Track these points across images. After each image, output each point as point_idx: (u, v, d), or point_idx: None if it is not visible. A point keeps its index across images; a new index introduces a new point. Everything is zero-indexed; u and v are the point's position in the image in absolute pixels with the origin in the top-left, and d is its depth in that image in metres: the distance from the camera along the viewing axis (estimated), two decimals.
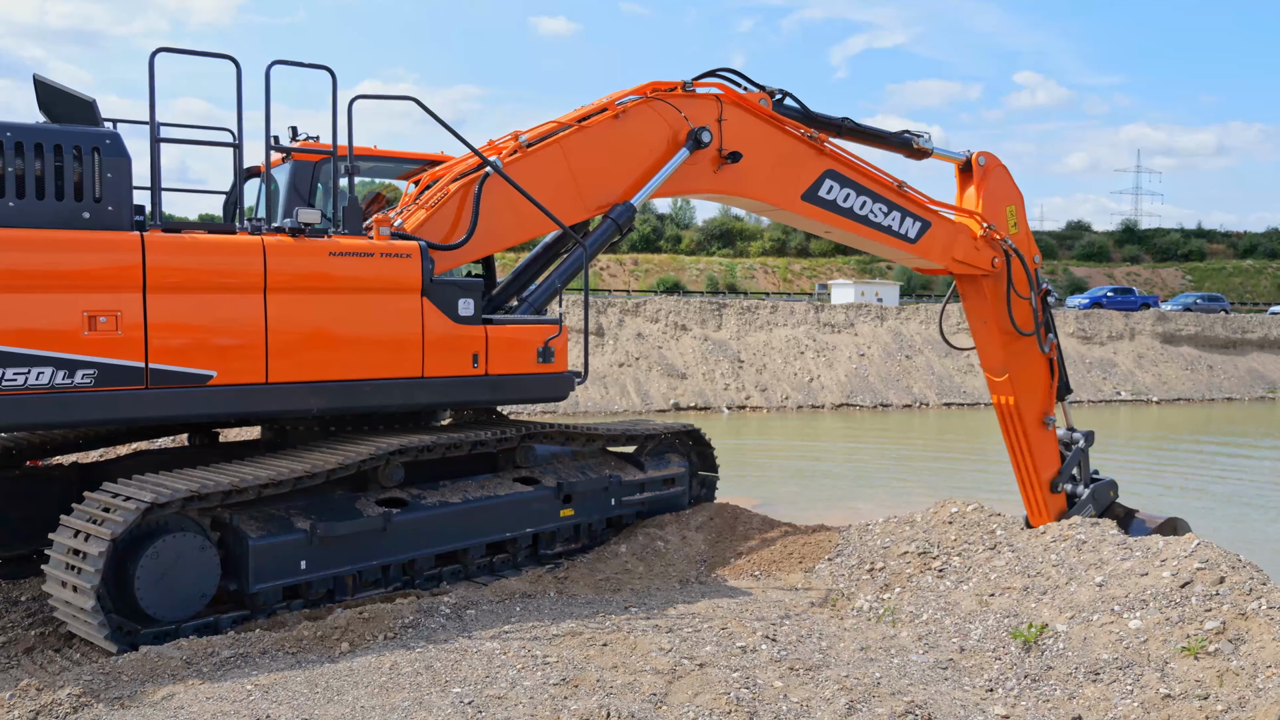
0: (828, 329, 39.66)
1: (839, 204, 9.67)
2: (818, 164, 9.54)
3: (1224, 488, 20.21)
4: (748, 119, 9.24)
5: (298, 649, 6.03)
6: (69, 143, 6.30)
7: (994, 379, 10.70)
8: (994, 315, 10.52)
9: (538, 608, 7.12)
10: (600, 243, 8.78)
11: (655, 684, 5.54)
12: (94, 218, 6.37)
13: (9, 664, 6.38)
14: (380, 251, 7.34)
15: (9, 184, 6.14)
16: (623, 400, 32.83)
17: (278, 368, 6.94)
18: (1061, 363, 10.96)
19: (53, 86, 6.76)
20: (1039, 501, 10.77)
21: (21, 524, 8.00)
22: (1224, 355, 44.90)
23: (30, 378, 6.08)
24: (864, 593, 7.66)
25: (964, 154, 10.72)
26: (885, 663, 6.18)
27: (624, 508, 9.24)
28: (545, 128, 8.63)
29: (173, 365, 6.55)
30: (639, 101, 8.81)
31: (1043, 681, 5.81)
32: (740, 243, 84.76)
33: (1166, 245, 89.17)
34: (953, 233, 10.27)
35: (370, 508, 7.39)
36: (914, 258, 10.36)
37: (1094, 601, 6.46)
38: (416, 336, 7.55)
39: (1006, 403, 10.68)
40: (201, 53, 7.00)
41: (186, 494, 6.26)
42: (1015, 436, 10.75)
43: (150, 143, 6.69)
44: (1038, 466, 10.69)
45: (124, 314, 6.35)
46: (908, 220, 10.03)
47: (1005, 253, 10.45)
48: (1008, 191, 10.87)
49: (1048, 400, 10.82)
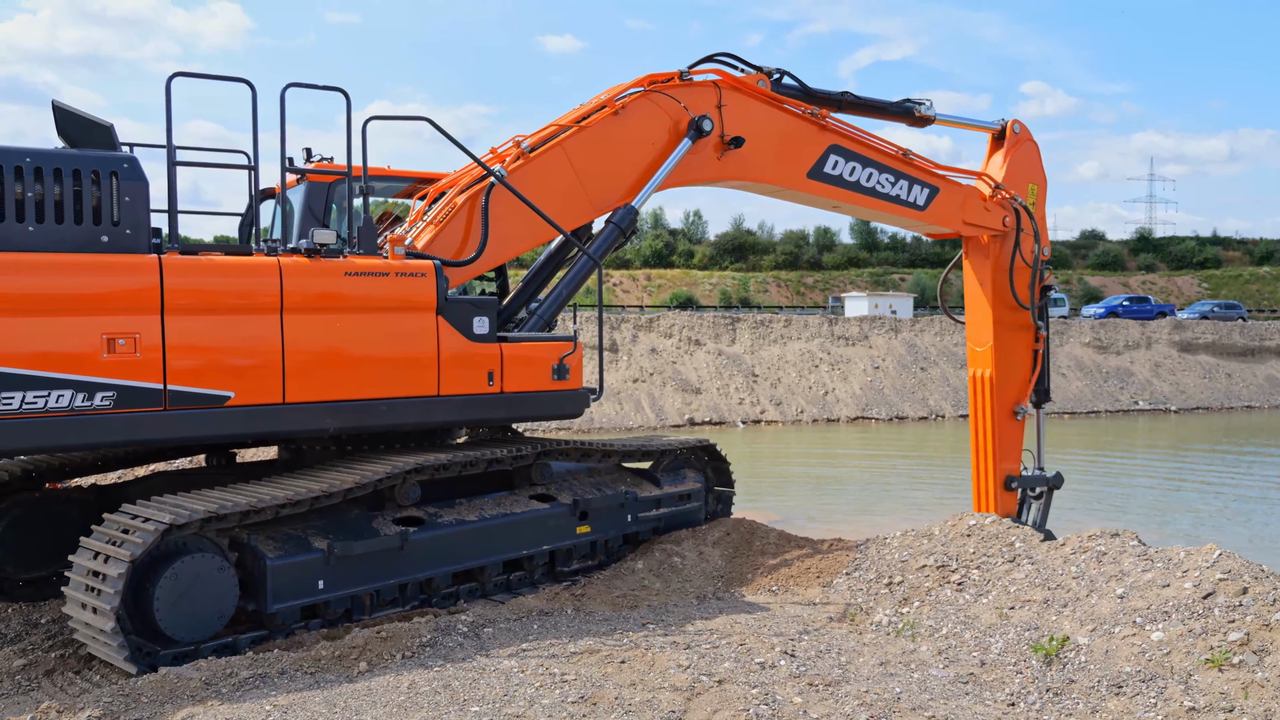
0: (842, 342, 39.57)
1: (845, 178, 9.70)
2: (821, 140, 9.57)
3: (1249, 492, 20.03)
4: (748, 102, 9.25)
5: (316, 669, 6.04)
6: (87, 167, 6.37)
7: (975, 349, 10.67)
8: (993, 278, 10.51)
9: (555, 625, 7.11)
10: (605, 249, 8.79)
11: (674, 701, 5.52)
12: (112, 241, 6.43)
13: (30, 686, 6.40)
14: (395, 271, 7.38)
15: (29, 209, 6.21)
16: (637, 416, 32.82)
17: (295, 388, 6.98)
18: (1046, 365, 10.90)
19: (71, 112, 6.85)
20: (988, 493, 10.66)
21: (41, 546, 8.05)
22: (1242, 363, 44.55)
23: (50, 400, 6.12)
24: (883, 607, 7.61)
25: (999, 122, 10.75)
26: (905, 678, 6.14)
27: (640, 524, 9.23)
28: (546, 131, 8.65)
29: (191, 387, 6.59)
30: (638, 96, 8.82)
31: (1065, 695, 5.76)
32: (753, 256, 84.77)
33: (1182, 253, 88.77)
34: (962, 196, 10.30)
35: (387, 526, 7.40)
36: (925, 224, 10.40)
37: (1115, 613, 6.40)
38: (432, 355, 7.57)
39: (981, 376, 10.63)
40: (217, 76, 7.08)
41: (205, 515, 6.28)
42: (981, 417, 10.67)
43: (167, 166, 6.76)
44: (997, 455, 10.60)
45: (142, 336, 6.40)
46: (915, 188, 10.06)
47: (1015, 210, 10.48)
48: (1034, 169, 10.90)
49: (1024, 390, 10.78)
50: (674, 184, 9.10)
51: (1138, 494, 19.53)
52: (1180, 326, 45.75)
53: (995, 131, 10.84)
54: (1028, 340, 10.75)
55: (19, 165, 6.17)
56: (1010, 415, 10.67)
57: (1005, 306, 10.52)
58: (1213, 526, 16.10)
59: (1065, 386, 39.20)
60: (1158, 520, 16.57)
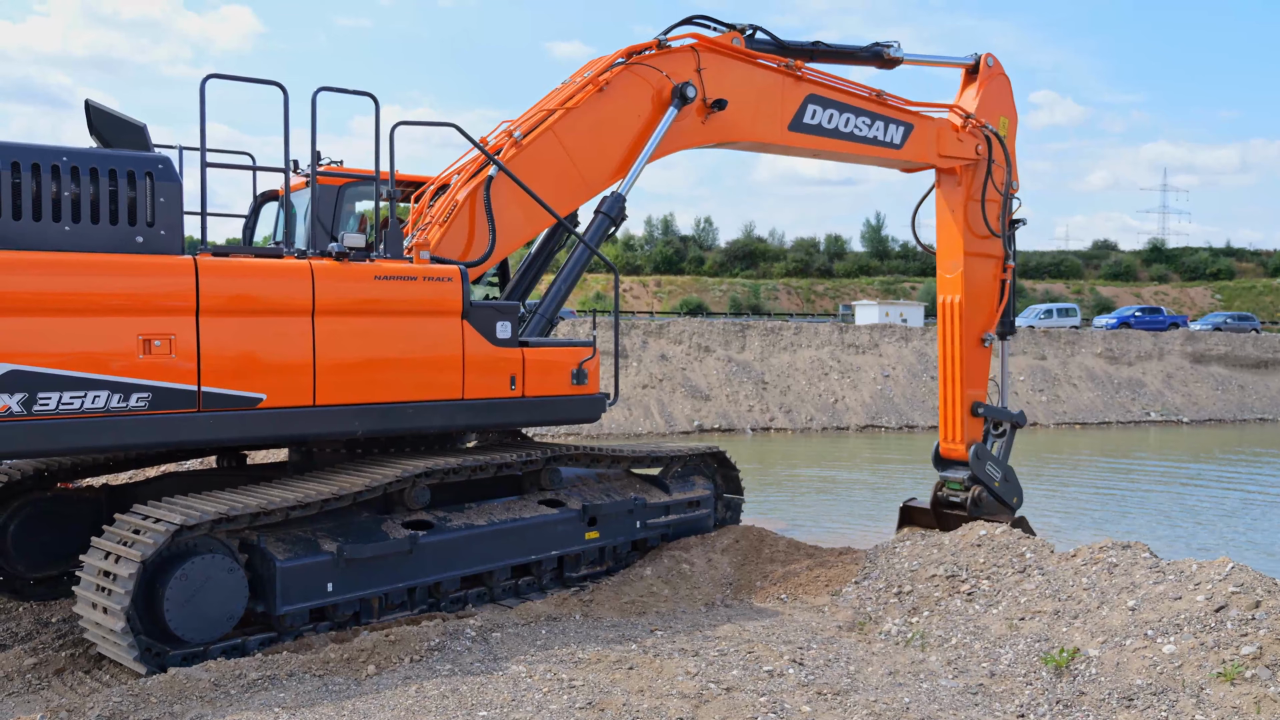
0: (852, 350, 39.49)
1: (824, 126, 9.95)
2: (798, 91, 9.76)
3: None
4: (725, 62, 9.39)
5: (324, 671, 6.04)
6: (123, 167, 6.40)
7: (945, 276, 10.97)
8: (965, 205, 10.80)
9: (563, 631, 7.10)
10: (598, 239, 8.88)
11: (681, 708, 5.50)
12: (147, 242, 6.46)
13: (40, 685, 6.42)
14: (423, 275, 7.43)
15: (65, 208, 6.22)
16: (646, 422, 32.79)
17: (325, 391, 7.02)
18: (1012, 298, 11.20)
19: (104, 111, 6.85)
20: (955, 420, 10.91)
21: (53, 545, 8.09)
22: (1255, 375, 44.29)
23: (86, 401, 6.14)
24: (892, 616, 7.58)
25: (972, 56, 11.08)
26: (914, 688, 6.11)
27: (649, 530, 9.22)
28: (534, 116, 8.71)
29: (224, 388, 6.62)
30: (620, 69, 8.92)
31: (1075, 707, 5.72)
32: (763, 263, 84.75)
33: (1194, 264, 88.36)
34: (936, 129, 10.61)
35: (396, 530, 7.41)
36: (902, 161, 10.69)
37: (1127, 625, 6.37)
38: (457, 359, 7.63)
39: (951, 302, 10.91)
40: (251, 79, 7.11)
41: (215, 516, 6.30)
42: (949, 344, 10.94)
43: (200, 168, 6.80)
44: (964, 381, 10.86)
45: (178, 338, 6.42)
46: (891, 127, 10.35)
47: (987, 138, 10.79)
48: (1006, 102, 11.26)
49: (991, 318, 11.05)
50: (663, 153, 9.21)
51: (1149, 505, 19.43)
52: (1193, 338, 45.52)
53: (969, 66, 11.14)
54: (996, 270, 11.07)
55: (56, 164, 6.19)
56: (978, 342, 10.98)
57: (975, 235, 10.83)
58: (1226, 539, 16.00)
59: (1076, 397, 39.02)
60: (1169, 532, 16.48)
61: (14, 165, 6.07)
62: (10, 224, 6.06)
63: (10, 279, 5.94)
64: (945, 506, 11.01)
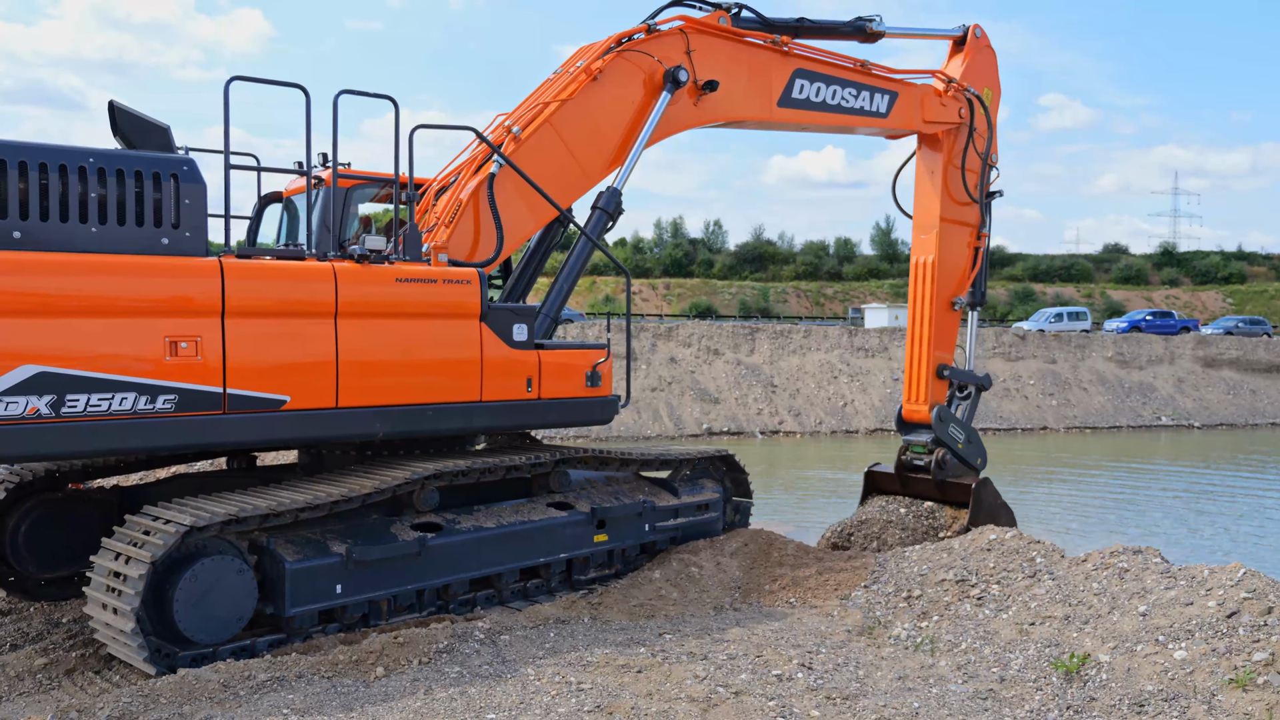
0: (861, 353, 39.42)
1: (812, 100, 10.08)
2: (786, 66, 9.86)
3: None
4: (714, 42, 9.45)
5: (333, 673, 6.05)
6: (148, 169, 6.41)
7: (920, 237, 11.10)
8: (944, 169, 10.93)
9: (572, 634, 7.10)
10: (596, 235, 8.91)
11: (690, 712, 5.49)
12: (172, 244, 6.47)
13: (50, 685, 6.45)
14: (442, 278, 7.46)
15: (92, 209, 6.23)
16: (655, 425, 32.78)
17: (347, 393, 7.04)
18: (985, 267, 11.34)
19: (129, 112, 6.86)
20: (921, 381, 11.01)
21: (63, 546, 8.11)
22: (1267, 379, 44.08)
23: (114, 403, 6.15)
24: (901, 621, 7.56)
25: (960, 28, 11.22)
26: (924, 693, 6.09)
27: (658, 533, 9.21)
28: (530, 110, 8.73)
29: (250, 390, 6.63)
30: (612, 57, 8.95)
31: (1086, 713, 5.70)
32: (773, 266, 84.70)
33: (1206, 268, 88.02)
34: (919, 96, 10.76)
35: (405, 532, 7.42)
36: (888, 129, 10.83)
37: (1138, 631, 6.34)
38: (475, 361, 7.66)
39: (924, 262, 11.04)
40: (274, 81, 7.13)
41: (225, 518, 6.32)
42: (920, 305, 11.05)
43: (224, 170, 6.79)
44: (932, 342, 10.97)
45: (204, 339, 6.43)
46: (877, 96, 10.49)
47: (969, 101, 10.94)
48: (990, 74, 11.39)
49: (963, 283, 11.17)
50: (658, 138, 9.26)
51: (1160, 510, 19.35)
52: (1204, 342, 45.30)
53: (957, 38, 11.27)
54: (970, 237, 11.18)
55: (82, 165, 6.20)
56: (948, 306, 11.10)
57: (954, 200, 10.96)
58: (1237, 544, 15.92)
59: (1087, 401, 38.88)
60: (1181, 537, 16.40)
61: (41, 166, 6.09)
62: (38, 225, 6.08)
63: (38, 280, 5.96)
64: (909, 470, 11.01)
